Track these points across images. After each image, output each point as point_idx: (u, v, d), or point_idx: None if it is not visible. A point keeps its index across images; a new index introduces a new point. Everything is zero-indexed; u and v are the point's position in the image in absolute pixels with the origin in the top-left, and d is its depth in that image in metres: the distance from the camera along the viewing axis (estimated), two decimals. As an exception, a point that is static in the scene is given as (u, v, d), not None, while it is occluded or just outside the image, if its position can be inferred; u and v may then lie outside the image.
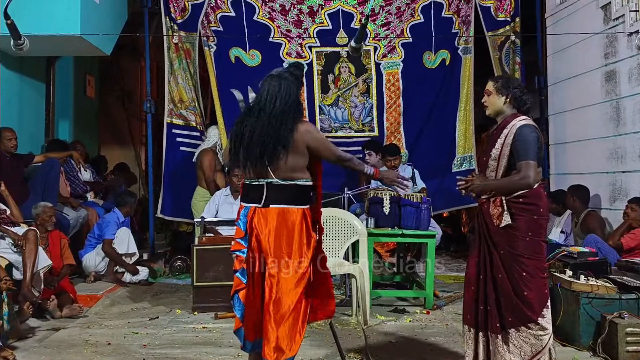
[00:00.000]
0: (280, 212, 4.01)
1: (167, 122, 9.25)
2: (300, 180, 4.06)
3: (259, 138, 4.00)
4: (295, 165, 4.03)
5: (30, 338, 5.76)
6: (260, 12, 9.39)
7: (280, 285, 3.93)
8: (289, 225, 4.00)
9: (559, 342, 5.43)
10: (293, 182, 4.03)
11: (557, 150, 9.31)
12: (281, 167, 3.99)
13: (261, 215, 4.02)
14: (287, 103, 4.08)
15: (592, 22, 8.17)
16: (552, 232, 8.00)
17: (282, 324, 3.88)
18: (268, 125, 4.00)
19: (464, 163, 9.69)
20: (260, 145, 3.98)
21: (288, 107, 4.07)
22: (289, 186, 4.03)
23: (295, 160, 4.02)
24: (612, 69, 7.79)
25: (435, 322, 6.34)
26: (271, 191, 4.02)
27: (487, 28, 9.63)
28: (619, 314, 5.13)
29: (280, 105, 4.05)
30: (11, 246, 6.30)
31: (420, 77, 9.61)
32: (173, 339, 5.72)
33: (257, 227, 4.01)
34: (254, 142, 4.01)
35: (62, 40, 7.93)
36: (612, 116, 7.81)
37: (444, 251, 10.98)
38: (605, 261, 6.01)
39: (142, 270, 8.13)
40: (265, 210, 4.01)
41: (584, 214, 7.63)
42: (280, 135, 3.96)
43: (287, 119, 4.02)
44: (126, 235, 8.08)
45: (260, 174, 4.05)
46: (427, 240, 7.02)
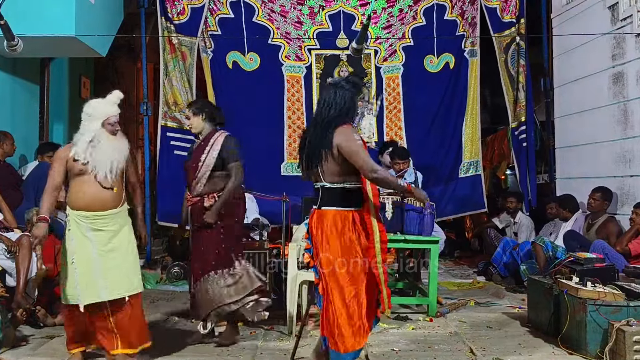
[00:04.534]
0: (331, 214, 4.29)
1: (161, 125, 9.17)
2: (346, 183, 4.30)
3: (311, 144, 4.34)
4: (339, 169, 4.27)
5: (23, 346, 5.62)
6: (259, 14, 9.32)
7: (332, 282, 4.26)
8: (338, 226, 4.27)
9: (565, 349, 5.37)
10: (340, 185, 4.29)
11: (563, 154, 9.20)
12: (327, 171, 4.29)
13: (317, 216, 4.37)
14: (340, 110, 4.33)
15: (599, 23, 8.09)
16: (558, 238, 7.87)
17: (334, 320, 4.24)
18: (318, 131, 4.31)
19: (470, 168, 9.61)
20: (312, 150, 4.32)
21: (338, 113, 4.32)
22: (337, 189, 4.30)
23: (336, 164, 4.26)
24: (620, 70, 7.70)
25: (439, 330, 6.23)
26: (324, 194, 4.33)
27: (494, 30, 9.59)
28: (627, 322, 5.02)
29: (333, 113, 4.31)
30: (4, 252, 6.21)
31: (421, 82, 9.57)
32: (170, 346, 5.60)
33: (312, 227, 4.38)
34: (310, 149, 4.35)
35: (57, 41, 7.83)
36: (620, 119, 7.70)
37: (448, 257, 10.89)
38: (612, 267, 5.89)
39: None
40: (319, 212, 4.34)
41: (603, 219, 7.49)
42: (323, 140, 4.25)
43: (332, 124, 4.28)
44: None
45: (317, 178, 4.35)
46: (431, 246, 6.91)
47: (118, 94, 5.04)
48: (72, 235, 4.84)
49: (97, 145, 4.86)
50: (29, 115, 9.06)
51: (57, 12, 7.57)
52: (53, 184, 4.90)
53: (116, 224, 4.91)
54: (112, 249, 4.87)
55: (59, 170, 4.90)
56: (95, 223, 4.83)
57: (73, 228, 4.84)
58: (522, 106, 9.49)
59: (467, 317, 6.73)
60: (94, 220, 4.82)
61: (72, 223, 4.85)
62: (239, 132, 8.99)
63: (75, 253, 4.80)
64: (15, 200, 7.41)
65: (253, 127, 9.14)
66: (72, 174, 4.88)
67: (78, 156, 4.83)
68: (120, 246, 4.92)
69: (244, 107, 9.20)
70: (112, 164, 4.87)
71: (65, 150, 4.98)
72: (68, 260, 4.82)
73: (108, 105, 4.98)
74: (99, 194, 4.83)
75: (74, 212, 4.84)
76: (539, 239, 7.70)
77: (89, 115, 4.96)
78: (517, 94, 9.49)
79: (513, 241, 8.67)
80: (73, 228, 4.84)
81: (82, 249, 4.81)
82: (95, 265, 4.78)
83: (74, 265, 4.77)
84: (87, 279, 4.76)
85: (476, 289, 8.33)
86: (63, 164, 4.90)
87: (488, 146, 11.72)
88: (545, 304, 5.91)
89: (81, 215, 4.82)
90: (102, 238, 4.84)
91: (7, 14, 6.38)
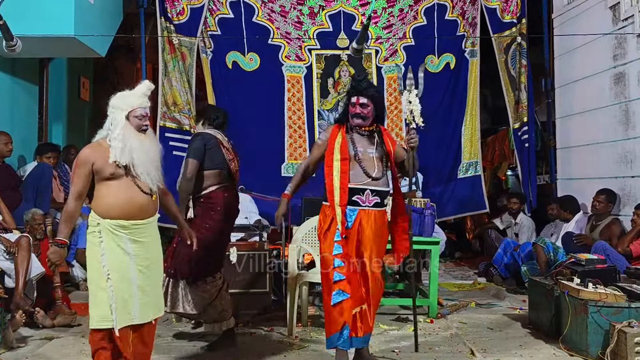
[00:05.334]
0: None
1: (160, 126, 9.13)
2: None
3: None
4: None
5: (22, 348, 5.60)
6: (259, 13, 9.29)
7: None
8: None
9: (566, 351, 5.37)
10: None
11: (564, 155, 9.18)
12: None
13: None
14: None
15: (600, 23, 8.06)
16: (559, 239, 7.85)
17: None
18: None
19: (469, 169, 9.58)
20: None
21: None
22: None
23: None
24: (622, 70, 7.67)
25: (440, 331, 6.23)
26: None
27: (493, 30, 9.56)
28: (629, 323, 5.00)
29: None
30: (3, 253, 6.19)
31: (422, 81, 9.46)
32: (170, 348, 5.59)
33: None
34: None
35: (56, 42, 7.81)
36: (621, 119, 7.68)
37: (449, 258, 10.87)
38: (614, 268, 5.88)
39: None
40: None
41: (607, 221, 7.46)
42: None
43: None
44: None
45: None
46: (431, 246, 6.91)
47: (148, 85, 4.39)
48: (104, 248, 4.10)
49: (128, 142, 4.15)
50: (27, 115, 9.05)
51: (56, 12, 7.54)
52: (78, 192, 4.16)
53: (151, 235, 4.31)
54: (149, 265, 4.25)
55: (86, 175, 4.14)
56: (134, 233, 4.15)
57: (107, 240, 4.10)
58: (524, 106, 9.47)
59: (467, 318, 6.73)
60: (132, 230, 4.15)
61: (106, 234, 4.10)
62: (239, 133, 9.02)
63: (110, 268, 4.08)
64: (14, 201, 7.39)
65: (253, 128, 9.12)
66: (100, 177, 4.13)
67: (116, 157, 4.10)
68: (156, 261, 4.35)
69: (244, 107, 9.18)
70: (153, 165, 4.24)
71: (93, 150, 4.18)
72: (98, 276, 4.10)
73: (135, 96, 4.28)
74: (138, 199, 4.17)
75: (107, 222, 4.09)
76: (540, 240, 7.68)
77: (114, 108, 4.24)
78: (519, 94, 9.47)
79: (514, 242, 8.65)
80: (107, 240, 4.10)
81: (119, 263, 4.11)
82: (133, 283, 4.15)
83: (109, 282, 4.05)
84: (124, 298, 4.10)
85: (477, 290, 8.33)
86: (89, 167, 4.12)
87: (489, 147, 11.70)
88: (546, 305, 5.90)
89: (117, 224, 4.10)
90: (140, 251, 4.18)
91: (6, 13, 6.34)
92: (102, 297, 4.07)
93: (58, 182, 8.25)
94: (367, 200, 4.79)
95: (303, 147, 9.31)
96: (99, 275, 4.09)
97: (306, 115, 9.40)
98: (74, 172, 4.14)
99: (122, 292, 4.09)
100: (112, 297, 4.04)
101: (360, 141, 4.90)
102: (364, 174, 4.80)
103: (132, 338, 4.19)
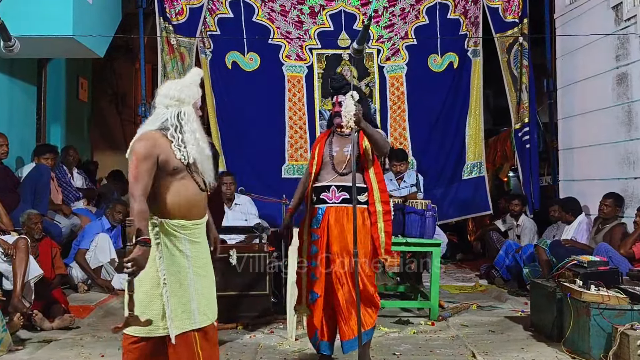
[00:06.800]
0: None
1: None
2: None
3: None
4: None
5: (20, 350, 5.57)
6: (259, 13, 9.25)
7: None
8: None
9: (568, 354, 5.36)
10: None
11: (566, 156, 9.15)
12: None
13: None
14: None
15: (602, 23, 8.03)
16: (561, 241, 7.83)
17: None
18: None
19: (474, 170, 9.54)
20: None
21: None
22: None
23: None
24: (624, 71, 7.64)
25: (441, 334, 6.20)
26: None
27: (496, 30, 9.55)
28: (631, 326, 4.98)
29: None
30: (1, 255, 6.17)
31: (426, 81, 9.51)
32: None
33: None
34: None
35: (54, 42, 7.80)
36: (624, 120, 7.65)
37: (450, 260, 10.83)
38: (616, 271, 5.86)
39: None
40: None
41: (614, 224, 7.43)
42: None
43: None
44: (106, 243, 7.87)
45: None
46: (432, 249, 6.90)
47: (199, 71, 4.08)
48: (161, 251, 3.72)
49: (192, 135, 3.80)
50: (26, 116, 9.06)
51: (55, 12, 7.54)
52: (144, 189, 3.63)
53: (204, 234, 3.95)
54: (205, 265, 3.88)
55: (151, 169, 3.67)
56: (193, 234, 3.80)
57: (164, 241, 3.72)
58: (525, 107, 9.44)
59: (469, 320, 6.70)
60: (192, 230, 3.79)
61: (165, 235, 3.72)
62: (239, 133, 9.01)
63: (166, 272, 3.70)
64: (12, 202, 7.38)
65: (253, 128, 9.10)
66: (163, 172, 3.72)
67: (189, 153, 3.75)
68: (209, 261, 3.95)
69: (244, 107, 9.15)
70: (208, 158, 3.88)
71: (155, 142, 3.73)
72: (151, 282, 3.71)
73: (195, 86, 3.97)
74: (197, 196, 3.81)
75: (168, 221, 3.71)
76: (541, 241, 7.66)
77: (178, 100, 3.87)
78: (520, 95, 9.44)
79: (516, 244, 8.63)
80: (164, 241, 3.72)
81: (176, 267, 3.73)
82: (190, 288, 3.76)
83: (165, 288, 3.69)
84: (181, 303, 3.73)
85: (478, 293, 8.30)
86: (154, 160, 3.67)
87: (490, 147, 11.66)
88: (548, 307, 5.89)
89: (179, 224, 3.73)
90: (197, 252, 3.81)
91: (4, 13, 6.29)
92: (155, 305, 3.71)
93: (56, 183, 8.24)
94: (333, 196, 4.79)
95: (304, 148, 9.26)
96: (151, 280, 3.71)
97: (307, 115, 9.36)
98: (136, 168, 3.63)
99: (179, 298, 3.72)
100: (168, 305, 3.68)
101: (339, 141, 4.92)
102: (333, 171, 4.82)
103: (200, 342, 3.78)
